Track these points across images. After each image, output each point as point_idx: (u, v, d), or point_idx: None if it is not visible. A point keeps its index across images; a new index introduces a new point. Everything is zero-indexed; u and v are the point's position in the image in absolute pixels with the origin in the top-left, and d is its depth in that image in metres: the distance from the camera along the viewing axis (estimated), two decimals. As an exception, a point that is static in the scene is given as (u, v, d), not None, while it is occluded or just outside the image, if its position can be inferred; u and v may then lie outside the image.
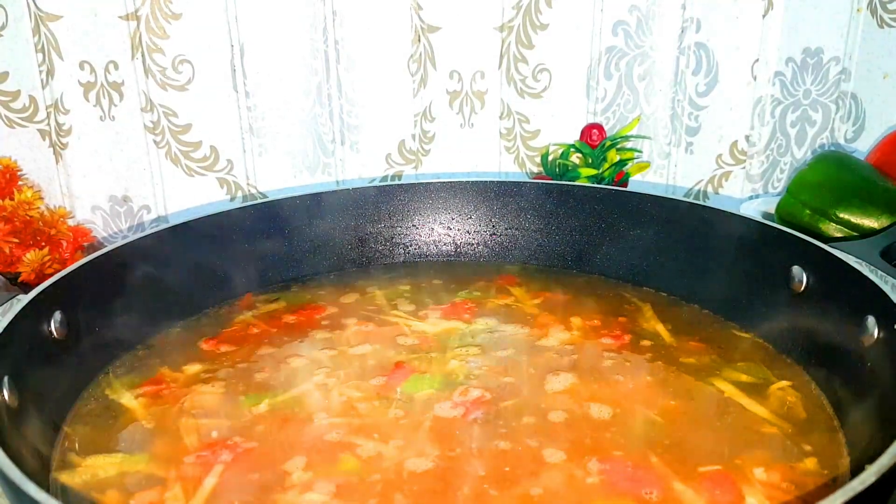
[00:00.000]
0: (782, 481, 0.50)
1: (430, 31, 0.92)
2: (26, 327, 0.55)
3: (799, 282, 0.64)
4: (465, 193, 0.83)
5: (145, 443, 0.55)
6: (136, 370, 0.64)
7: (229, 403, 0.59)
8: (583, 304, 0.74)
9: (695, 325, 0.70)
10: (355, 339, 0.68)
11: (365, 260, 0.83)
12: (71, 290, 0.60)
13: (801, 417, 0.57)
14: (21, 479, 0.40)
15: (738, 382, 0.61)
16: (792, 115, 1.02)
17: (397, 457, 0.52)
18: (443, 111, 0.96)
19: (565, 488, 0.49)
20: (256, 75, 0.89)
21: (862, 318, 0.56)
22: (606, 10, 0.95)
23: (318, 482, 0.50)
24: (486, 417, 0.56)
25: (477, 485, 0.49)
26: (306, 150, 0.94)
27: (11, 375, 0.51)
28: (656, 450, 0.53)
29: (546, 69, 0.97)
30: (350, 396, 0.59)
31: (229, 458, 0.53)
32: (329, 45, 0.90)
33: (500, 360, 0.64)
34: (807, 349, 0.63)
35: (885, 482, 0.39)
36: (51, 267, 0.79)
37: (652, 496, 0.48)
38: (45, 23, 0.82)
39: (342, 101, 0.93)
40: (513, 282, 0.79)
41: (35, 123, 0.86)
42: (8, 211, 0.80)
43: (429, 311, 0.73)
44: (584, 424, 0.56)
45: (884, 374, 0.53)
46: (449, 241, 0.84)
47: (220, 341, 0.68)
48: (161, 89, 0.87)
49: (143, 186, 0.91)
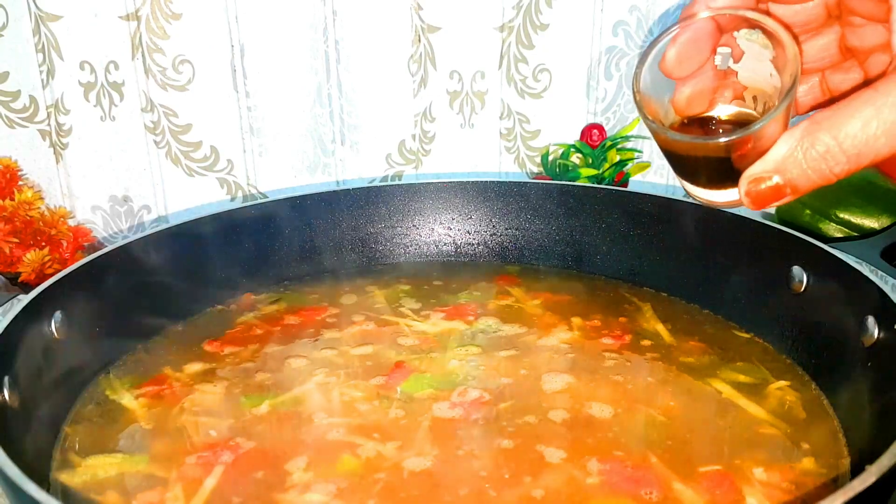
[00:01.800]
0: (782, 481, 0.50)
1: (430, 31, 0.92)
2: (26, 327, 0.55)
3: (799, 282, 0.64)
4: (465, 193, 0.83)
5: (145, 443, 0.55)
6: (136, 370, 0.64)
7: (230, 404, 0.59)
8: (583, 304, 0.74)
9: (695, 325, 0.70)
10: (356, 340, 0.68)
11: (365, 260, 0.83)
12: (71, 290, 0.60)
13: (800, 417, 0.57)
14: (21, 479, 0.40)
15: (738, 382, 0.61)
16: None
17: (398, 457, 0.52)
18: (443, 111, 0.96)
19: (565, 488, 0.49)
20: (256, 75, 0.90)
21: (862, 318, 0.56)
22: (606, 10, 0.95)
23: (319, 482, 0.50)
24: (486, 417, 0.56)
25: (477, 485, 0.49)
26: (306, 150, 0.94)
27: (11, 375, 0.51)
28: (656, 450, 0.53)
29: (546, 69, 0.97)
30: (351, 396, 0.59)
31: (230, 458, 0.53)
32: (329, 45, 0.90)
33: (501, 360, 0.64)
34: (807, 349, 0.63)
35: (885, 482, 0.39)
36: (51, 267, 0.79)
37: (652, 496, 0.48)
38: (46, 23, 0.82)
39: (342, 101, 0.93)
40: (513, 282, 0.79)
41: (35, 123, 0.86)
42: (8, 211, 0.80)
43: (429, 311, 0.73)
44: (584, 424, 0.56)
45: (884, 374, 0.53)
46: (449, 241, 0.84)
47: (223, 342, 0.68)
48: (161, 89, 0.87)
49: (144, 186, 0.91)
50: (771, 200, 0.37)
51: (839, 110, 0.34)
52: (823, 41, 0.44)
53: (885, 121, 0.33)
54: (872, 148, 0.34)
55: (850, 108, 0.34)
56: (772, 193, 0.36)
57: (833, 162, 0.35)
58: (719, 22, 0.42)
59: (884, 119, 0.33)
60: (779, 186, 0.36)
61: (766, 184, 0.36)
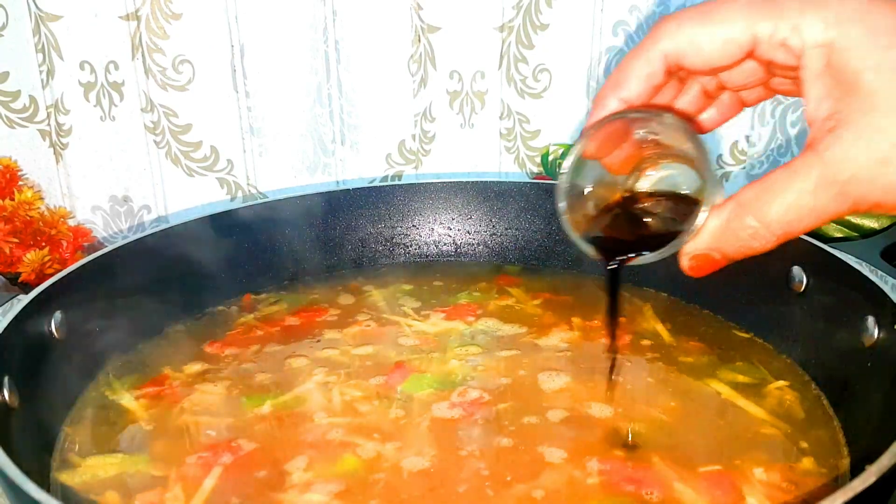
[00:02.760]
0: (782, 481, 0.50)
1: (430, 32, 0.92)
2: (26, 327, 0.55)
3: (799, 282, 0.64)
4: (465, 193, 0.83)
5: (145, 443, 0.55)
6: (136, 370, 0.64)
7: (230, 404, 0.59)
8: (583, 304, 0.74)
9: (695, 325, 0.70)
10: (356, 340, 0.68)
11: (365, 260, 0.83)
12: (71, 290, 0.60)
13: (800, 417, 0.57)
14: (21, 479, 0.40)
15: (738, 382, 0.61)
16: (792, 115, 1.02)
17: (397, 457, 0.52)
18: (443, 111, 0.96)
19: (565, 488, 0.49)
20: (256, 75, 0.90)
21: (862, 318, 0.56)
22: (606, 10, 0.95)
23: (319, 482, 0.50)
24: (486, 417, 0.56)
25: (477, 484, 0.49)
26: (306, 150, 0.94)
27: (11, 375, 0.51)
28: (656, 450, 0.53)
29: (546, 69, 0.97)
30: (351, 396, 0.59)
31: (230, 458, 0.53)
32: (329, 45, 0.90)
33: (501, 360, 0.64)
34: (807, 349, 0.63)
35: (885, 482, 0.39)
36: (51, 267, 0.79)
37: (652, 496, 0.48)
38: (46, 23, 0.82)
39: (342, 101, 0.93)
40: (513, 282, 0.79)
41: (35, 123, 0.86)
42: (8, 211, 0.80)
43: (429, 311, 0.73)
44: (584, 424, 0.56)
45: (884, 374, 0.53)
46: (449, 241, 0.84)
47: (224, 344, 0.68)
48: (161, 89, 0.87)
49: (144, 186, 0.91)
50: (709, 269, 0.41)
51: (763, 193, 0.37)
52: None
53: (803, 206, 0.36)
54: (797, 227, 0.37)
55: (772, 191, 0.37)
56: (709, 264, 0.41)
57: (763, 240, 0.38)
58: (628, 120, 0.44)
59: (803, 205, 0.36)
60: (714, 259, 0.40)
61: (702, 258, 0.41)
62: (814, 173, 0.36)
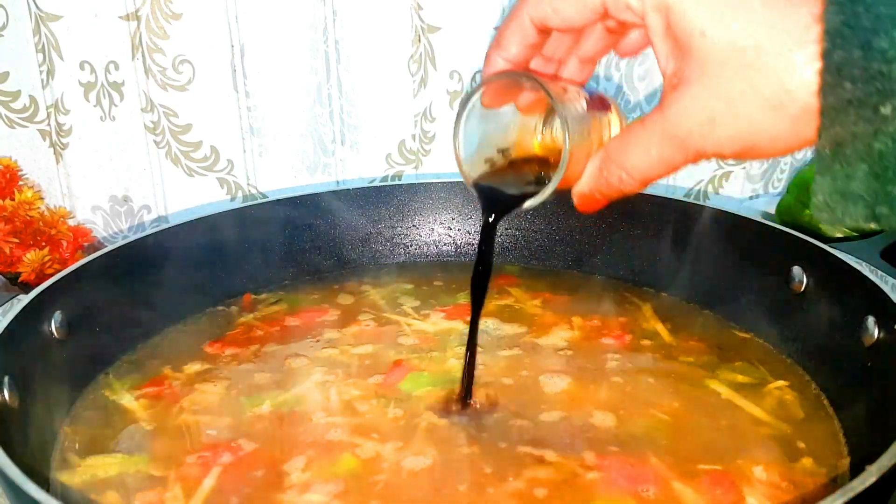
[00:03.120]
0: (782, 481, 0.50)
1: (430, 31, 0.92)
2: (26, 327, 0.55)
3: (799, 282, 0.64)
4: (465, 193, 0.83)
5: (145, 443, 0.55)
6: (136, 370, 0.64)
7: (229, 404, 0.59)
8: (583, 304, 0.74)
9: (695, 325, 0.70)
10: (356, 340, 0.68)
11: (365, 260, 0.83)
12: (71, 290, 0.60)
13: (800, 417, 0.57)
14: (21, 478, 0.40)
15: (738, 382, 0.61)
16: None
17: (397, 456, 0.52)
18: (443, 111, 0.96)
19: (565, 487, 0.49)
20: (256, 75, 0.89)
21: (862, 318, 0.56)
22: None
23: (318, 482, 0.50)
24: (486, 416, 0.56)
25: (476, 483, 0.49)
26: (306, 150, 0.94)
27: (11, 375, 0.51)
28: (656, 449, 0.53)
29: (546, 69, 0.96)
30: (350, 395, 0.59)
31: (229, 458, 0.53)
32: (329, 45, 0.90)
33: (501, 360, 0.64)
34: (807, 349, 0.63)
35: (885, 482, 0.39)
36: (51, 267, 0.79)
37: (652, 496, 0.48)
38: (46, 23, 0.82)
39: (342, 101, 0.93)
40: (513, 282, 0.79)
41: (35, 123, 0.86)
42: (8, 211, 0.80)
43: (429, 310, 0.73)
44: (584, 424, 0.56)
45: (884, 374, 0.53)
46: (449, 241, 0.84)
47: (224, 344, 0.68)
48: (161, 89, 0.87)
49: (144, 186, 0.91)
50: (595, 207, 0.47)
51: (623, 145, 0.43)
52: None
53: (654, 156, 0.41)
54: (653, 173, 0.42)
55: (629, 143, 0.42)
56: (593, 202, 0.46)
57: (629, 184, 0.43)
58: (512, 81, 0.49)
59: (653, 155, 0.41)
60: (596, 198, 0.46)
61: (586, 197, 0.46)
62: (657, 129, 0.40)
